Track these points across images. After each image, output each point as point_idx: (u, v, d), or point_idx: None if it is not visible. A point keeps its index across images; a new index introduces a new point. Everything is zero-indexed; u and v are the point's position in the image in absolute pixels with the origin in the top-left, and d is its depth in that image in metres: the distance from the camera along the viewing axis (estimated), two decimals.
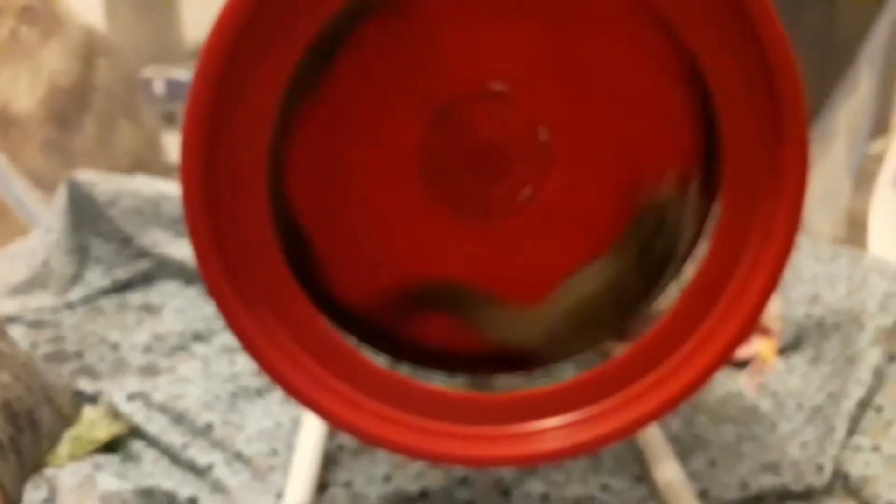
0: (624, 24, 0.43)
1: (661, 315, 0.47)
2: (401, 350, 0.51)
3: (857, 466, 0.58)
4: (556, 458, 0.47)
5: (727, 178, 0.42)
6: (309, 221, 0.46)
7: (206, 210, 0.41)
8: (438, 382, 0.50)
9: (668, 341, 0.46)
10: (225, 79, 0.39)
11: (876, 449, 0.59)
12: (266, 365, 0.44)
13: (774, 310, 0.78)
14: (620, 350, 0.48)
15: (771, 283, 0.44)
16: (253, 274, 0.43)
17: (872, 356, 0.63)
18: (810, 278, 0.79)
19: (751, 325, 0.45)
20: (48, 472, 0.58)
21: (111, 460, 0.60)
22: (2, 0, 1.16)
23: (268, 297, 0.43)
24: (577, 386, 0.47)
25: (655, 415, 0.47)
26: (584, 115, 0.44)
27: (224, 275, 0.42)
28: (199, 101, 0.40)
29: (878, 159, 1.11)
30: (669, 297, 0.49)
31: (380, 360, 0.49)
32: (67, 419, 0.63)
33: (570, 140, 0.45)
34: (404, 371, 0.51)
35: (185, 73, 1.53)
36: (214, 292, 0.42)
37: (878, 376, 0.62)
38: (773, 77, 0.39)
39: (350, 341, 0.47)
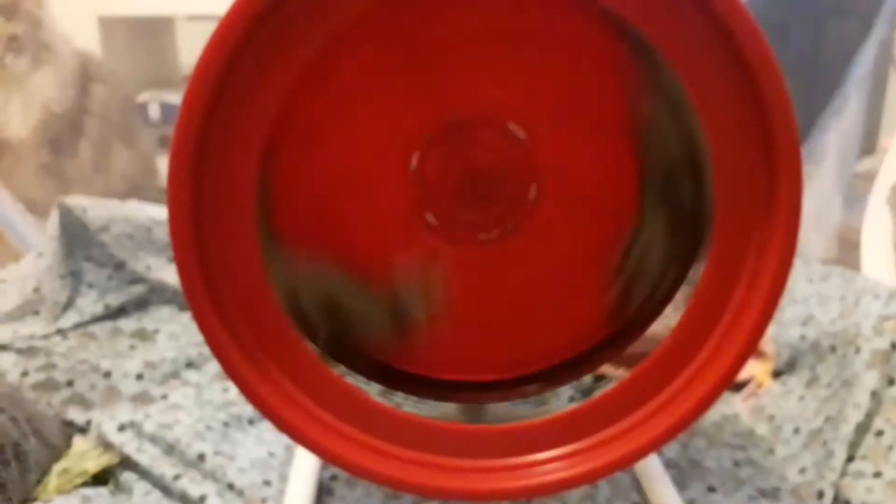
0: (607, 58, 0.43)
1: (659, 342, 0.46)
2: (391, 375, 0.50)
3: (858, 493, 0.57)
4: (556, 490, 0.46)
5: (719, 205, 0.42)
6: (296, 250, 0.45)
7: (195, 245, 0.40)
8: (432, 413, 0.49)
9: (666, 370, 0.46)
10: (214, 108, 0.39)
11: (877, 474, 0.58)
12: (255, 399, 0.43)
13: (768, 331, 0.78)
14: (620, 376, 0.48)
15: (768, 308, 0.43)
16: (241, 305, 0.42)
17: (869, 379, 0.62)
18: (803, 299, 0.79)
19: (749, 350, 0.44)
20: None
21: (101, 493, 0.59)
22: None
23: (257, 330, 0.43)
24: (576, 416, 0.46)
25: (655, 444, 0.46)
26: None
27: (211, 305, 0.42)
28: (187, 131, 0.40)
29: (866, 177, 1.12)
30: (668, 323, 0.49)
31: (372, 390, 0.48)
32: (56, 451, 0.62)
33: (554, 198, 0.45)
34: (398, 400, 0.50)
35: (180, 98, 1.54)
36: (199, 321, 0.42)
37: (876, 400, 0.62)
38: (764, 105, 0.39)
39: (340, 370, 0.46)
